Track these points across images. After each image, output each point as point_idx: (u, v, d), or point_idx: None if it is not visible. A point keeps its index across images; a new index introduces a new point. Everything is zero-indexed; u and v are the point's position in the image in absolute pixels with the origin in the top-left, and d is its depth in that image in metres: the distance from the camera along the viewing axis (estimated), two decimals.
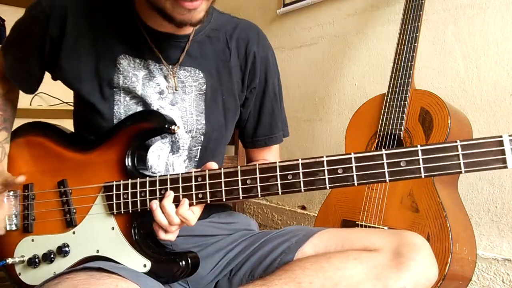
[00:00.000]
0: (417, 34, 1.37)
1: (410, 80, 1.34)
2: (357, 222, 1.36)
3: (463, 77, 1.54)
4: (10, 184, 0.87)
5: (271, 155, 1.08)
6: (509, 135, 0.58)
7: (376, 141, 1.38)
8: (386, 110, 1.37)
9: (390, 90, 1.38)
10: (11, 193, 0.90)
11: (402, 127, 1.32)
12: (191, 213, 0.75)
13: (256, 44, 0.98)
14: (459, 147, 0.60)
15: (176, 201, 0.75)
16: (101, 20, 0.88)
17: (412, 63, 1.35)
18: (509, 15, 1.42)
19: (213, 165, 0.76)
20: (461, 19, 1.54)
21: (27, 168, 0.91)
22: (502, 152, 0.58)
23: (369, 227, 1.32)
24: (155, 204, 0.75)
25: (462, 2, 1.54)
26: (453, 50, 1.56)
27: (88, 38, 0.87)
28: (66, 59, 0.87)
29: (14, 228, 0.89)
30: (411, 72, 1.35)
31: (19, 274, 0.86)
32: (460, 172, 0.60)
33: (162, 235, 0.77)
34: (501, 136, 0.58)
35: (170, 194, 0.75)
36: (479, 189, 1.49)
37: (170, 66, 0.89)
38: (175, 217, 0.74)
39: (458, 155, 0.60)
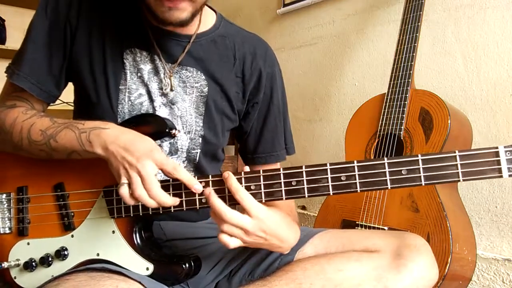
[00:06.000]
0: (417, 34, 1.37)
1: (410, 80, 1.34)
2: (357, 222, 1.36)
3: (463, 77, 1.53)
4: None
5: None
6: (505, 147, 0.63)
7: (376, 141, 1.38)
8: (386, 110, 1.37)
9: (390, 90, 1.38)
10: (4, 195, 0.87)
11: (402, 127, 1.32)
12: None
13: (263, 60, 0.97)
14: (457, 157, 0.64)
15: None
16: (110, 16, 0.88)
17: (412, 63, 1.35)
18: (509, 15, 1.42)
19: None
20: (461, 19, 1.54)
21: (20, 170, 0.88)
22: (498, 162, 0.63)
23: (369, 227, 1.32)
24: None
25: (462, 2, 1.54)
26: (453, 50, 1.56)
27: (97, 33, 0.87)
28: (77, 52, 0.87)
29: (7, 231, 0.86)
30: (411, 72, 1.35)
31: (15, 277, 0.84)
32: (458, 181, 0.64)
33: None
34: (497, 148, 0.63)
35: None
36: (479, 189, 1.49)
37: (169, 65, 0.89)
38: None
39: (456, 164, 0.64)
